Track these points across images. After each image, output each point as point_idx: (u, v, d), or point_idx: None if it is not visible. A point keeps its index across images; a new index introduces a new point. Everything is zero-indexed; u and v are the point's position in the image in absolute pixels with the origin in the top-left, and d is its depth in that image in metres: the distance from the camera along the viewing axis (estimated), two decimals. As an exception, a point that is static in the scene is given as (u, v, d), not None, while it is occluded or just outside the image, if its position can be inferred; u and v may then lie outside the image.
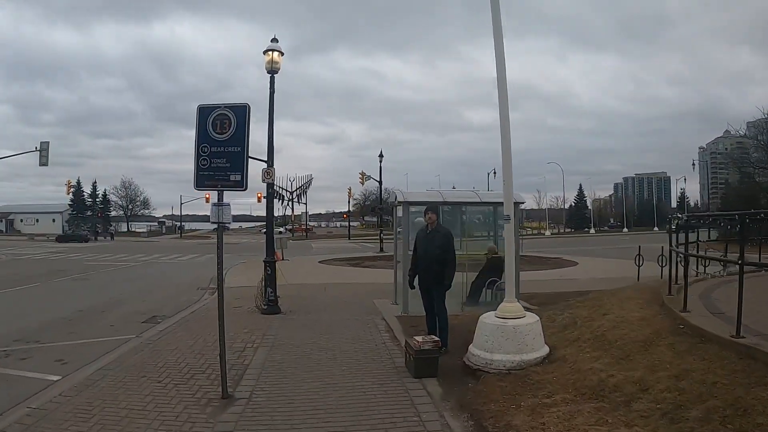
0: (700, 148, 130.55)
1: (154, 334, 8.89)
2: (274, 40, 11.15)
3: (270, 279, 10.04)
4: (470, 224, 11.73)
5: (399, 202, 10.00)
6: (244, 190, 5.16)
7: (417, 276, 7.25)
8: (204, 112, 5.33)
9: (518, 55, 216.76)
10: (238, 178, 5.13)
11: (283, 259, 25.67)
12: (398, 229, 11.39)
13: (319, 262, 24.90)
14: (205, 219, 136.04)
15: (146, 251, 36.25)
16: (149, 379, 6.25)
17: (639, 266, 15.94)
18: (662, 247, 18.25)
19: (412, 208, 10.22)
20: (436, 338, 6.19)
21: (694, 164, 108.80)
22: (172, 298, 13.69)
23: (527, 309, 11.53)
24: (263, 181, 10.44)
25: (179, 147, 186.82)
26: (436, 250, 6.93)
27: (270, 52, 11.00)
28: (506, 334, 6.23)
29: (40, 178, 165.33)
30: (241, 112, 5.26)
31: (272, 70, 11.04)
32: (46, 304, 12.79)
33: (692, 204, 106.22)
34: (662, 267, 13.90)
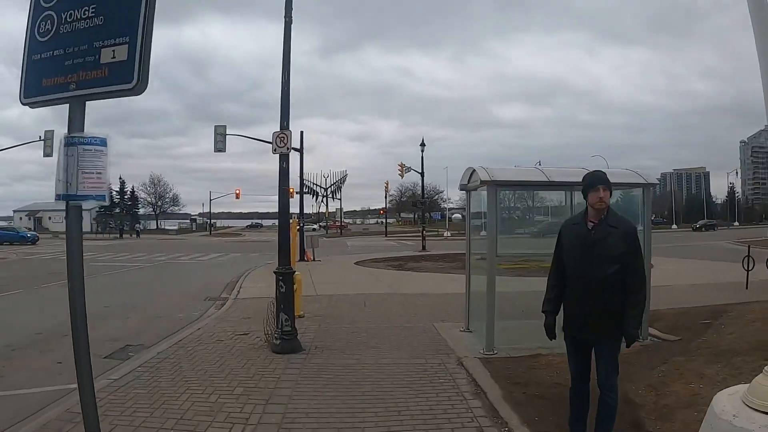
0: (741, 142, 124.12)
1: (99, 388, 5.60)
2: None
3: (284, 299, 6.57)
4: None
5: (483, 182, 6.45)
6: (134, 87, 1.71)
7: (563, 310, 3.66)
8: None
9: (548, 51, 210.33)
10: (122, 56, 1.68)
11: (314, 260, 22.43)
12: (471, 223, 7.89)
13: (356, 263, 21.45)
14: (239, 216, 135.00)
15: (168, 250, 33.61)
16: None
17: (748, 270, 12.21)
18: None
19: (502, 192, 6.73)
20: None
21: (754, 154, 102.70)
22: (166, 315, 10.50)
23: (659, 338, 7.86)
24: (274, 151, 6.99)
25: (212, 145, 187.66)
26: (611, 263, 3.34)
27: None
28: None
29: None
30: None
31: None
32: (3, 322, 9.84)
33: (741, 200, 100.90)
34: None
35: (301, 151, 23.11)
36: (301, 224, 23.57)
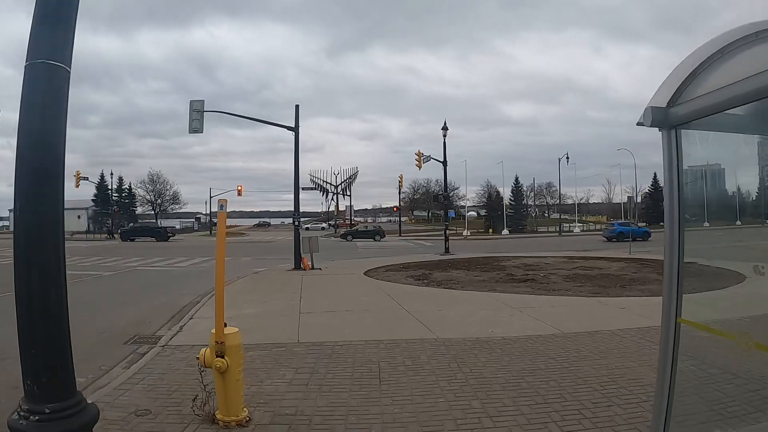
0: (759, 137, 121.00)
1: None
2: None
3: None
4: None
5: None
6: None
7: None
8: None
9: (555, 48, 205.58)
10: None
11: (312, 268, 17.67)
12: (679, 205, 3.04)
13: (366, 273, 16.56)
14: (250, 215, 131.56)
15: (146, 254, 29.00)
16: None
17: None
18: None
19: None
20: None
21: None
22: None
23: None
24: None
25: (223, 145, 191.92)
26: None
27: None
28: None
29: (93, 178, 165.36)
30: None
31: None
32: None
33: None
34: None
35: (296, 129, 18.27)
36: (296, 222, 18.74)
